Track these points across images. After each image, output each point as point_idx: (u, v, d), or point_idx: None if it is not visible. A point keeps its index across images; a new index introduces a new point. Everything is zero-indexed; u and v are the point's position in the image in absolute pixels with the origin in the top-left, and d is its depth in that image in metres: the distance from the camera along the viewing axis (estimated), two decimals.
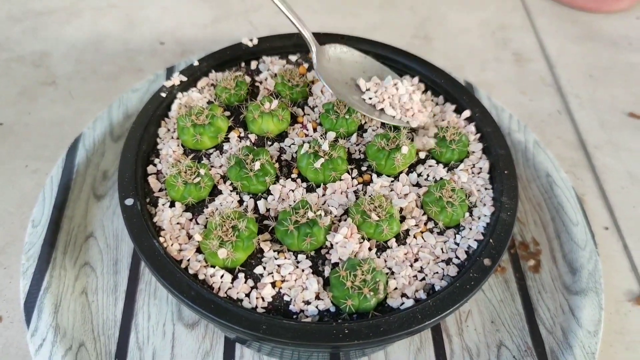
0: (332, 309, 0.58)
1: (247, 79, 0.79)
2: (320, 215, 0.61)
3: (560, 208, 0.82)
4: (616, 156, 0.95)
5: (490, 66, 1.10)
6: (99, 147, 0.86)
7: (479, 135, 0.73)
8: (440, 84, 0.78)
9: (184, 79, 0.77)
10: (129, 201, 0.63)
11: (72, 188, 0.81)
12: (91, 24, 1.15)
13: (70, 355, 0.66)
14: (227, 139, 0.72)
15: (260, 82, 0.80)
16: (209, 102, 0.77)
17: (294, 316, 0.57)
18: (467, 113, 0.75)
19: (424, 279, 0.60)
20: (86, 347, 0.67)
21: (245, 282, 0.59)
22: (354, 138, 0.73)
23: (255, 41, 0.82)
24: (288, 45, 0.83)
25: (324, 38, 0.81)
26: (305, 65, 0.82)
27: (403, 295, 0.59)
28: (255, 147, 0.68)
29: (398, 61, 0.81)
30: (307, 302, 0.58)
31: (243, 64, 0.83)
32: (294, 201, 0.65)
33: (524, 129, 0.91)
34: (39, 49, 1.09)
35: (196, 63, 0.79)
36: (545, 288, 0.76)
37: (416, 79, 0.79)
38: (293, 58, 0.83)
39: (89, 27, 1.14)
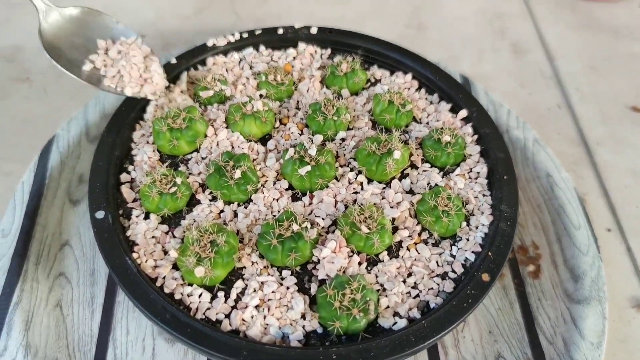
0: (320, 330, 0.54)
1: (229, 77, 0.74)
2: (306, 227, 0.57)
3: (561, 210, 0.78)
4: (618, 152, 0.90)
5: (487, 57, 1.05)
6: (74, 149, 0.81)
7: (476, 137, 0.69)
8: (435, 81, 0.73)
9: None
10: (100, 214, 0.58)
11: (45, 194, 0.77)
12: None
13: None
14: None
15: (243, 85, 0.75)
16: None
17: (279, 339, 0.53)
18: (463, 113, 0.70)
19: (417, 295, 0.56)
20: None
21: (226, 302, 0.55)
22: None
23: (235, 37, 0.77)
24: (275, 39, 0.78)
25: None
26: (291, 62, 0.77)
27: (395, 314, 0.55)
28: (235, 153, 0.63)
29: (389, 56, 0.76)
30: (293, 323, 0.54)
31: (224, 60, 0.78)
32: (278, 211, 0.61)
33: (523, 125, 0.86)
34: (11, 42, 1.04)
35: (174, 61, 0.74)
36: (545, 295, 0.72)
37: (409, 76, 0.75)
38: (278, 54, 0.79)
39: None
